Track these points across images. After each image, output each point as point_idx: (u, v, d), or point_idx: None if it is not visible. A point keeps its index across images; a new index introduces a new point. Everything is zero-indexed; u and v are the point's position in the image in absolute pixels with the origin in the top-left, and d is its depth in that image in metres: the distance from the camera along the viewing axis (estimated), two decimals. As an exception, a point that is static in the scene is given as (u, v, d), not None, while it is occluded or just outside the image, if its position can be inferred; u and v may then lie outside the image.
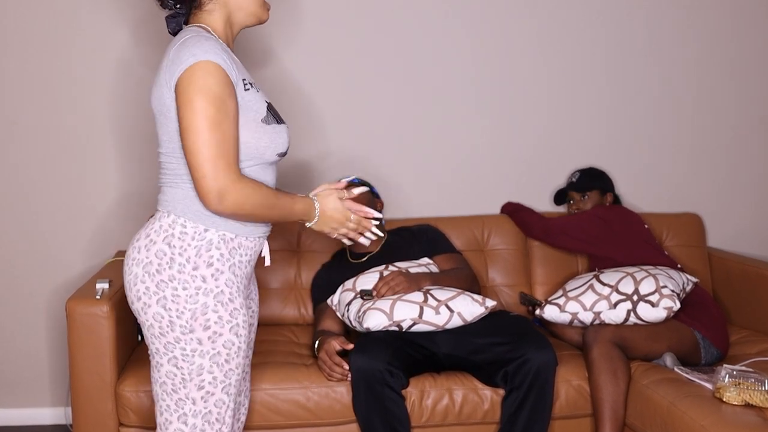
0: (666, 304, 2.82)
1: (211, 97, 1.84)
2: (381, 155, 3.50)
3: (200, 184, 1.85)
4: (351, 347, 2.68)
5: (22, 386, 3.42)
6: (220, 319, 1.94)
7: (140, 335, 3.00)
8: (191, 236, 1.94)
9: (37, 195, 3.37)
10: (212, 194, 1.85)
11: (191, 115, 1.84)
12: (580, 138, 3.60)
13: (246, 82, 1.95)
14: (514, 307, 3.35)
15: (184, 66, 1.85)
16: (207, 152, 1.83)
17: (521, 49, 3.54)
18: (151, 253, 1.94)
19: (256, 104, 1.97)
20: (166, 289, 1.92)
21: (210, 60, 1.85)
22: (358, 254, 3.17)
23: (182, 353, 1.94)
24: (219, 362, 1.96)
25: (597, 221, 3.21)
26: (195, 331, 1.93)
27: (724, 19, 3.61)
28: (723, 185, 3.70)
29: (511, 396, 2.70)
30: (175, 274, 1.92)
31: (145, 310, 1.95)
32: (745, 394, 2.41)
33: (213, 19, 2.01)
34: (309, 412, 2.71)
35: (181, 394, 1.97)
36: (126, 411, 2.67)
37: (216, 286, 1.94)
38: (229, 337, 1.96)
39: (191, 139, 1.84)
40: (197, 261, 1.93)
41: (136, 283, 1.96)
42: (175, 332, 1.93)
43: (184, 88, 1.85)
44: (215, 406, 1.98)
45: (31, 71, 3.31)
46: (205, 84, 1.84)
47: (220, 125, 1.84)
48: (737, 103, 3.67)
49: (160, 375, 1.98)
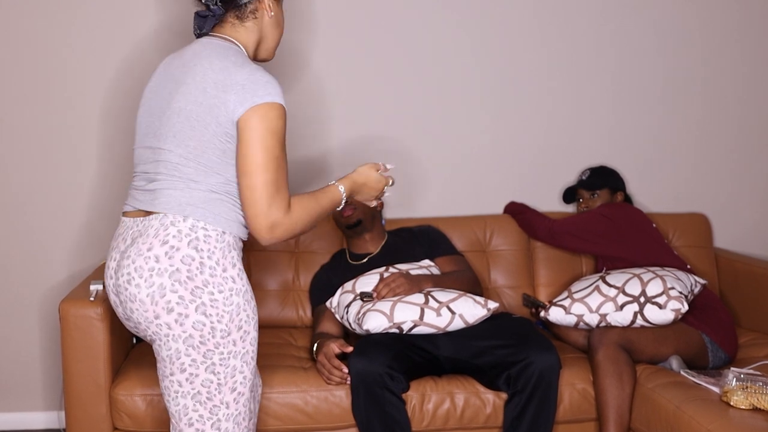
0: (674, 306, 2.79)
1: (279, 135, 1.96)
2: (381, 154, 3.47)
3: (254, 221, 1.95)
4: (350, 350, 2.65)
5: (14, 390, 3.40)
6: (248, 318, 2.01)
7: (135, 338, 2.97)
8: (215, 239, 1.97)
9: (28, 196, 3.34)
10: (265, 230, 1.95)
11: (262, 153, 1.94)
12: (584, 137, 3.58)
13: None
14: (516, 309, 3.33)
15: (261, 100, 1.95)
16: (267, 191, 1.94)
17: (525, 46, 3.52)
18: (176, 260, 1.93)
19: None
20: (202, 295, 1.93)
21: (282, 105, 1.98)
22: (357, 255, 3.15)
23: (220, 358, 1.96)
24: (247, 360, 2.01)
25: (603, 220, 3.18)
26: (231, 333, 1.97)
27: (731, 18, 3.59)
28: (730, 184, 3.68)
29: (514, 400, 2.67)
30: (208, 279, 1.94)
31: (182, 321, 1.93)
32: (752, 398, 2.38)
33: (248, 39, 2.13)
34: (307, 417, 2.68)
35: (216, 401, 1.99)
36: (120, 415, 2.64)
37: (242, 285, 2.00)
38: (254, 334, 2.03)
39: (255, 174, 1.94)
40: (225, 263, 1.97)
41: (164, 294, 1.92)
42: (216, 338, 1.95)
43: (258, 124, 1.95)
44: (243, 406, 2.04)
45: (20, 70, 3.29)
46: (277, 126, 1.96)
47: (281, 159, 1.96)
48: (745, 101, 3.65)
49: (194, 386, 1.98)
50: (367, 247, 3.16)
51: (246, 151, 1.95)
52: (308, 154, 3.44)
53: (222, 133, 1.97)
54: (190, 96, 1.99)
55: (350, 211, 3.09)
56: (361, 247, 3.16)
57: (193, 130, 1.98)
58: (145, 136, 2.13)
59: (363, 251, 3.15)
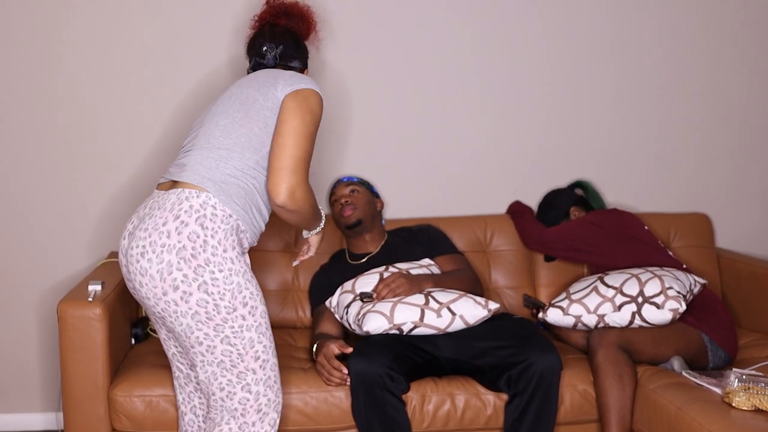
0: (671, 305, 2.78)
1: (316, 117, 2.26)
2: (382, 153, 3.48)
3: (278, 176, 2.15)
4: (350, 351, 2.64)
5: (12, 390, 3.39)
6: (252, 295, 2.15)
7: (134, 338, 2.96)
8: (221, 219, 2.11)
9: (27, 194, 3.33)
10: (284, 187, 2.14)
11: (300, 122, 2.22)
12: (585, 137, 3.57)
13: None
14: (517, 309, 3.32)
15: (306, 86, 2.28)
16: (297, 152, 2.18)
17: (526, 45, 3.51)
18: (184, 237, 2.06)
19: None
20: (204, 273, 2.07)
21: (320, 94, 2.31)
22: (357, 255, 3.14)
23: (232, 331, 2.12)
24: (262, 331, 2.18)
25: (592, 228, 3.16)
26: (237, 309, 2.12)
27: (733, 17, 3.58)
28: (732, 184, 3.66)
29: (515, 401, 2.66)
30: (210, 257, 2.07)
31: (186, 298, 2.07)
32: (755, 399, 2.37)
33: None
34: (307, 418, 2.66)
35: (240, 368, 2.16)
36: (118, 416, 2.63)
37: (241, 267, 2.14)
38: (262, 308, 2.19)
39: (290, 138, 2.19)
40: (226, 244, 2.11)
41: (171, 271, 2.06)
42: (221, 314, 2.10)
43: (301, 102, 2.25)
44: (271, 371, 2.23)
45: (20, 67, 3.28)
46: (315, 108, 2.27)
47: (312, 140, 2.23)
48: (747, 101, 3.64)
49: (215, 356, 2.15)
50: (367, 247, 3.15)
51: (286, 117, 2.22)
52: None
53: (267, 107, 2.24)
54: (242, 87, 2.32)
55: (350, 210, 3.08)
56: (361, 247, 3.15)
57: (241, 105, 2.26)
58: (197, 123, 2.38)
59: (363, 251, 3.14)
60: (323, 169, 3.43)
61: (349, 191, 3.16)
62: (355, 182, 3.20)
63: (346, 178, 3.22)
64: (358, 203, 3.11)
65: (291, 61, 2.55)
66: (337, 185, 3.21)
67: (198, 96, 3.34)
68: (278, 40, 2.55)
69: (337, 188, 3.20)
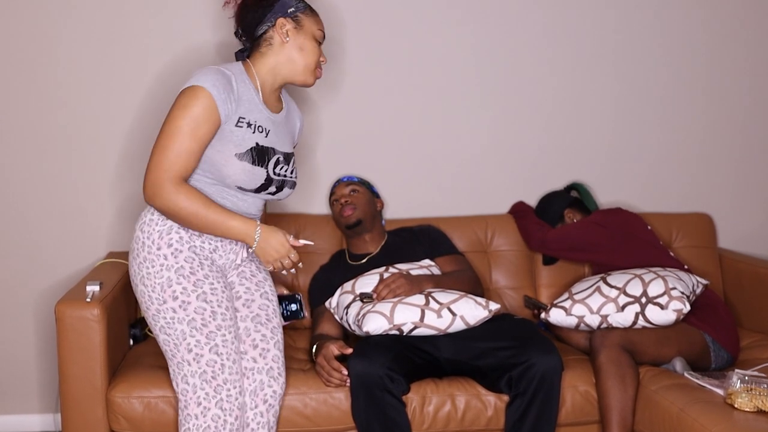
0: (675, 306, 2.77)
1: (186, 114, 2.23)
2: (382, 152, 3.47)
3: (145, 176, 2.27)
4: (350, 352, 2.63)
5: (9, 392, 3.37)
6: (184, 290, 2.31)
7: (132, 339, 2.96)
8: (155, 222, 2.35)
9: (25, 194, 3.32)
10: (147, 188, 2.26)
11: (166, 123, 2.27)
12: (587, 136, 3.56)
13: (243, 121, 2.31)
14: (518, 310, 3.31)
15: (187, 84, 2.27)
16: (160, 155, 2.24)
17: (527, 44, 3.50)
18: (133, 242, 2.39)
19: (241, 140, 2.31)
20: (142, 269, 2.34)
21: (203, 87, 2.24)
22: (357, 256, 3.12)
23: (165, 322, 2.32)
24: (196, 326, 2.31)
25: (596, 228, 3.15)
26: (167, 302, 2.31)
27: (735, 16, 3.57)
28: (734, 184, 3.65)
29: (516, 402, 2.64)
30: (146, 255, 2.33)
31: (135, 289, 2.40)
32: (757, 400, 2.36)
33: (262, 63, 2.40)
34: (307, 419, 2.66)
35: (178, 358, 2.33)
36: (117, 417, 2.61)
37: (175, 263, 2.32)
38: (199, 303, 2.31)
39: (157, 140, 2.27)
40: (159, 242, 2.33)
41: (131, 268, 2.41)
42: (155, 304, 2.33)
43: (175, 101, 2.28)
44: (207, 366, 2.31)
45: (18, 66, 3.26)
46: (188, 103, 2.24)
47: (181, 139, 2.23)
48: (749, 100, 3.62)
49: (160, 343, 2.38)
50: (367, 248, 3.13)
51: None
52: (304, 153, 3.42)
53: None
54: None
55: (350, 210, 3.07)
56: (361, 247, 3.14)
57: None
58: None
59: (363, 251, 3.13)
60: (323, 168, 3.42)
61: (349, 191, 3.15)
62: (355, 182, 3.18)
63: (346, 178, 3.21)
64: (358, 203, 3.10)
65: (257, 30, 2.39)
66: (337, 185, 3.20)
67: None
68: (237, 20, 2.45)
69: (336, 188, 3.19)
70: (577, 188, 3.44)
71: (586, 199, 3.39)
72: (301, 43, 2.38)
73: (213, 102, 2.23)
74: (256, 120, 2.35)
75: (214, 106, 2.24)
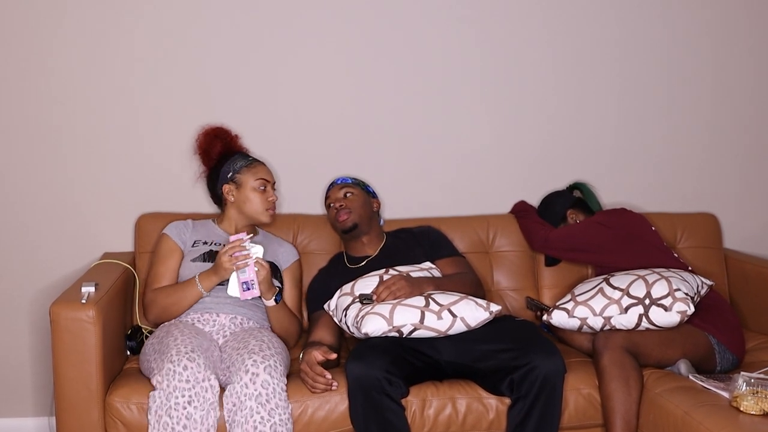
0: (679, 308, 2.74)
1: (157, 254, 2.99)
2: (382, 151, 3.46)
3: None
4: (334, 357, 2.61)
5: (3, 395, 3.37)
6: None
7: (129, 350, 2.96)
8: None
9: (20, 194, 3.31)
10: (144, 303, 2.92)
11: (151, 259, 3.05)
12: (590, 135, 3.55)
13: (198, 242, 2.99)
14: (520, 312, 3.29)
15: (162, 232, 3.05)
16: (148, 280, 2.97)
17: (528, 43, 3.49)
18: None
19: (194, 253, 2.95)
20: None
21: (165, 234, 3.01)
22: (355, 259, 3.10)
23: None
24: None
25: (600, 229, 3.12)
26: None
27: (740, 16, 3.56)
28: (740, 184, 3.64)
29: (518, 405, 2.62)
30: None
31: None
32: (763, 403, 2.34)
33: (228, 212, 3.05)
34: (304, 424, 2.63)
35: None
36: (115, 422, 2.60)
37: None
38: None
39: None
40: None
41: None
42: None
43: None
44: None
45: (13, 66, 3.26)
46: (158, 246, 3.02)
47: (156, 267, 2.95)
48: (754, 100, 3.61)
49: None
50: (365, 250, 3.10)
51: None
52: (304, 153, 3.41)
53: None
54: None
55: (345, 215, 3.03)
56: (359, 250, 3.11)
57: None
58: None
59: (361, 254, 3.10)
60: (322, 168, 3.40)
61: (343, 194, 3.10)
62: (349, 184, 3.14)
63: (340, 180, 3.17)
64: (353, 206, 3.06)
65: (217, 194, 3.07)
66: (331, 188, 3.17)
67: (193, 96, 3.33)
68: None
69: (330, 191, 3.16)
70: (580, 188, 3.41)
71: (589, 199, 3.36)
72: (244, 197, 2.98)
73: (171, 242, 2.99)
74: (210, 238, 3.01)
75: (172, 245, 2.99)
